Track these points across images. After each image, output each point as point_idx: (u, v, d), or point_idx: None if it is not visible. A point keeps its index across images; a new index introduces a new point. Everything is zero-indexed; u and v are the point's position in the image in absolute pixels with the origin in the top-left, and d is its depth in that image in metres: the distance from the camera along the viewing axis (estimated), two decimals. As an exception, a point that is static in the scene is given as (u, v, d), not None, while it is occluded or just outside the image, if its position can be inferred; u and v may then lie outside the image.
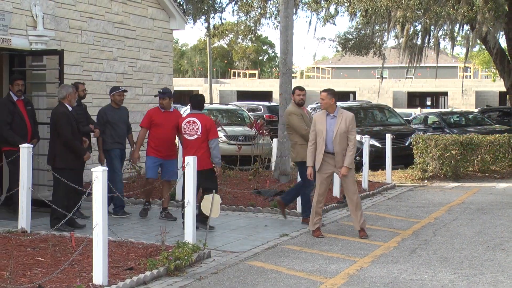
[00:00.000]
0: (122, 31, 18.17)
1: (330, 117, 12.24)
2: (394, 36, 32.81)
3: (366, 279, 9.49)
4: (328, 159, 12.22)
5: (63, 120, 12.08)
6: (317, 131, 12.24)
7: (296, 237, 12.36)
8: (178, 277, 9.43)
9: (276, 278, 9.51)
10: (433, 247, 11.72)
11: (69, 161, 12.22)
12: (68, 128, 12.11)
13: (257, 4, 32.74)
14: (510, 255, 11.03)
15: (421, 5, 24.96)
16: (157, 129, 13.37)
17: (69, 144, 12.13)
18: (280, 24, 19.22)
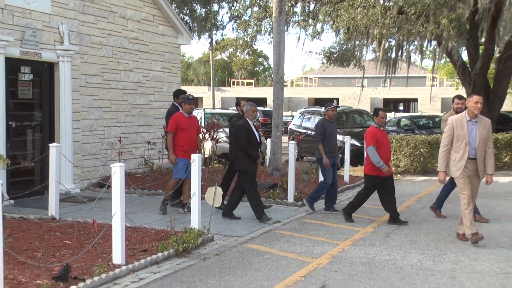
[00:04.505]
0: (136, 46, 18.19)
1: (472, 123, 10.74)
2: (372, 50, 32.79)
3: (347, 259, 9.56)
4: (468, 165, 10.65)
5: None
6: (457, 136, 10.70)
7: (287, 224, 12.40)
8: (185, 257, 9.49)
9: (270, 258, 9.57)
10: (404, 231, 11.78)
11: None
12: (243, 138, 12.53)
13: (253, 22, 32.69)
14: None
15: (395, 24, 25.02)
16: (184, 133, 12.92)
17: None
18: (274, 39, 19.25)
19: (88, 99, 16.27)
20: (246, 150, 12.39)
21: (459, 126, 10.61)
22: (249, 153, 12.41)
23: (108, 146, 16.93)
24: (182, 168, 12.76)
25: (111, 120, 17.20)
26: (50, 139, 14.52)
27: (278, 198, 14.82)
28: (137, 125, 18.17)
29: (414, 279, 8.47)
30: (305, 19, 30.82)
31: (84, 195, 14.17)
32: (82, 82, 15.95)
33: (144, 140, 18.22)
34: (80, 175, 15.78)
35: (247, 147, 12.38)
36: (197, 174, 10.74)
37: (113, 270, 8.36)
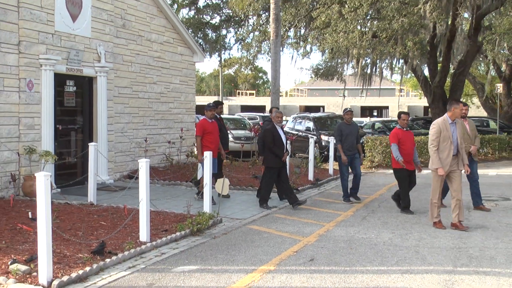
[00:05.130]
0: (159, 63, 18.17)
1: (452, 124, 10.50)
2: (351, 67, 32.83)
3: (331, 237, 9.53)
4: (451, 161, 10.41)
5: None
6: (444, 136, 10.37)
7: (282, 209, 12.37)
8: (199, 236, 9.47)
9: (268, 237, 9.54)
10: (378, 215, 11.76)
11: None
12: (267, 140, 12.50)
13: (255, 44, 32.75)
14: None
15: (370, 45, 24.99)
16: (210, 136, 12.66)
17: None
18: (271, 58, 19.28)
19: (120, 107, 16.26)
20: (271, 149, 12.33)
21: (444, 128, 10.36)
22: (274, 152, 12.33)
23: (136, 145, 16.92)
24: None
25: (139, 123, 17.17)
26: (89, 139, 14.50)
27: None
28: (159, 128, 18.15)
29: (385, 253, 8.45)
30: (297, 41, 30.88)
31: (117, 185, 14.16)
32: (115, 93, 15.94)
33: (165, 140, 18.21)
34: (113, 168, 15.77)
35: (272, 147, 12.31)
36: (208, 168, 10.72)
37: (140, 246, 8.36)
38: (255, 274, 7.34)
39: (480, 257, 8.31)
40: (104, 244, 8.03)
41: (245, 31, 34.05)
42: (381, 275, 7.33)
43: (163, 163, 17.87)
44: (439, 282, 7.07)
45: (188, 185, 14.96)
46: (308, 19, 28.47)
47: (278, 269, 7.56)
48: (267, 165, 12.53)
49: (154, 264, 7.77)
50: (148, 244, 8.54)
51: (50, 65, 13.24)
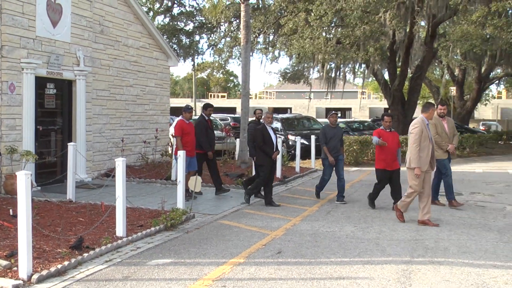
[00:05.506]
0: (136, 67, 18.03)
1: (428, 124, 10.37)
2: (317, 71, 32.92)
3: (297, 231, 9.55)
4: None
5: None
6: (424, 136, 10.16)
7: (251, 204, 12.34)
8: (173, 231, 9.40)
9: (238, 231, 9.52)
10: (341, 209, 11.80)
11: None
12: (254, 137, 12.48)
13: (226, 49, 32.69)
14: (391, 213, 11.16)
15: (334, 51, 25.09)
16: (187, 136, 12.48)
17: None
18: (242, 62, 19.23)
19: (98, 108, 16.09)
20: (262, 148, 12.21)
21: (424, 127, 10.16)
22: (264, 150, 12.21)
23: (113, 144, 16.76)
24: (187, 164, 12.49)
25: (116, 124, 17.02)
26: (68, 139, 14.32)
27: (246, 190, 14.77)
28: (135, 128, 18.01)
29: (348, 246, 8.49)
30: (266, 47, 30.88)
31: (95, 183, 14.01)
32: (93, 95, 15.77)
33: (141, 140, 18.08)
34: (92, 167, 15.61)
35: (262, 146, 12.20)
36: (181, 167, 10.66)
37: (116, 241, 8.27)
38: (225, 266, 7.32)
39: (435, 248, 8.40)
40: (82, 239, 7.94)
41: (217, 37, 33.99)
42: (344, 266, 7.36)
43: (139, 162, 17.75)
44: (397, 272, 7.12)
45: (162, 182, 14.87)
46: (277, 26, 28.50)
47: (247, 262, 7.55)
48: (259, 163, 12.43)
49: (130, 258, 7.70)
50: (124, 239, 8.46)
51: (31, 68, 13.05)
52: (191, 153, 12.52)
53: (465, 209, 11.88)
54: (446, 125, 12.11)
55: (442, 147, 11.92)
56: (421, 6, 23.80)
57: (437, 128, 11.97)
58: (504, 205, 12.44)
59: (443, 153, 11.97)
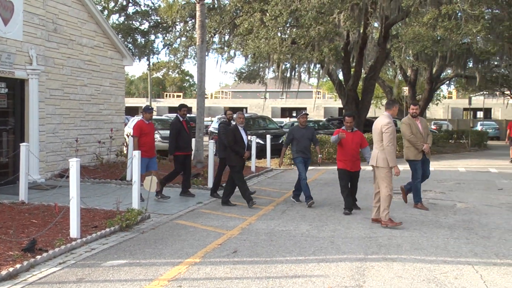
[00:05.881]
0: (90, 66, 17.78)
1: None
2: (272, 71, 33.04)
3: (253, 230, 9.56)
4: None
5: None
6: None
7: (207, 204, 12.32)
8: (128, 232, 9.31)
9: (193, 231, 9.48)
10: (296, 208, 11.87)
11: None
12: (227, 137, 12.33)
13: (182, 49, 32.47)
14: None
15: (289, 51, 25.19)
16: (146, 137, 12.34)
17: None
18: (197, 62, 19.15)
19: (51, 108, 15.81)
20: (232, 148, 12.09)
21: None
22: (235, 150, 12.10)
23: (67, 145, 16.49)
24: (142, 165, 12.03)
25: (70, 124, 16.75)
26: (21, 140, 14.02)
27: (200, 184, 14.73)
28: (90, 128, 17.77)
29: (303, 244, 8.53)
30: (221, 47, 30.80)
31: (48, 184, 13.79)
32: (47, 95, 15.49)
33: (96, 140, 17.85)
34: (45, 168, 15.32)
35: (233, 146, 12.07)
36: (136, 167, 10.56)
37: (70, 243, 8.13)
38: (181, 266, 7.28)
39: (388, 245, 8.52)
40: (35, 241, 7.78)
41: (173, 37, 33.73)
42: (299, 265, 7.40)
43: (94, 162, 17.51)
44: (351, 269, 7.19)
45: (117, 183, 14.71)
46: (232, 26, 28.46)
47: (203, 261, 7.52)
48: (230, 164, 12.31)
49: (84, 260, 7.58)
50: (79, 240, 8.33)
51: (-19, 67, 12.73)
52: (150, 154, 12.39)
53: (411, 207, 12.08)
54: (420, 125, 11.97)
55: (417, 147, 11.73)
56: (374, 8, 24.11)
57: (411, 128, 11.84)
58: (454, 203, 12.71)
59: (418, 153, 11.79)
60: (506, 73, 41.86)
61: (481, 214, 11.36)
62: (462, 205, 12.08)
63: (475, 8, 20.83)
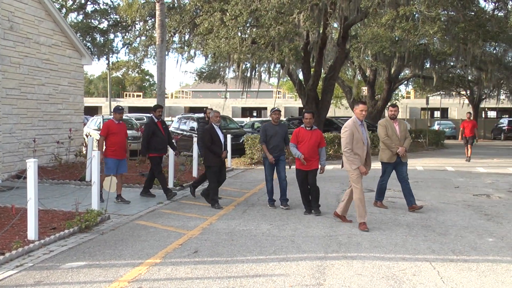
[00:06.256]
0: (48, 65, 17.50)
1: (361, 125, 9.89)
2: (232, 70, 33.06)
3: (214, 230, 9.54)
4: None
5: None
6: (357, 139, 9.79)
7: (167, 204, 12.25)
8: (87, 233, 9.19)
9: (154, 231, 9.41)
10: (257, 208, 11.87)
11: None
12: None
13: (141, 48, 32.18)
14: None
15: (249, 51, 25.21)
16: (115, 137, 12.06)
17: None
18: (157, 62, 19.06)
19: (8, 108, 15.51)
20: (209, 148, 11.96)
21: (356, 130, 9.72)
22: (212, 150, 11.96)
23: (25, 145, 16.20)
24: (111, 167, 12.06)
25: (27, 124, 16.46)
26: (-24, 140, 13.74)
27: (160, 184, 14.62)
28: (48, 128, 17.49)
29: (264, 243, 8.55)
30: (181, 46, 30.64)
31: (5, 185, 13.52)
32: (3, 94, 15.19)
33: (54, 140, 17.58)
34: (1, 169, 15.02)
35: (210, 146, 11.94)
36: (96, 167, 10.43)
37: (28, 245, 7.99)
38: (142, 267, 7.22)
39: (348, 244, 8.60)
40: (-9, 243, 7.62)
41: (132, 36, 33.40)
42: (260, 264, 7.41)
43: (52, 163, 17.24)
44: (312, 267, 7.24)
45: (76, 183, 14.52)
46: (192, 26, 28.34)
47: (164, 262, 7.48)
48: (207, 164, 12.18)
49: (42, 262, 7.46)
50: (36, 242, 8.18)
51: None
52: (120, 155, 12.21)
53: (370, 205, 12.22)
54: (397, 127, 11.75)
55: (391, 149, 11.58)
56: (333, 8, 24.30)
57: (387, 130, 11.67)
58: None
59: (392, 155, 11.63)
60: (462, 73, 42.84)
61: (439, 212, 11.57)
62: (420, 203, 12.26)
63: (432, 10, 21.18)
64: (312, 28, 23.45)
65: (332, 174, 17.82)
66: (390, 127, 11.72)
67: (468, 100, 54.98)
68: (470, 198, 13.57)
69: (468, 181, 16.88)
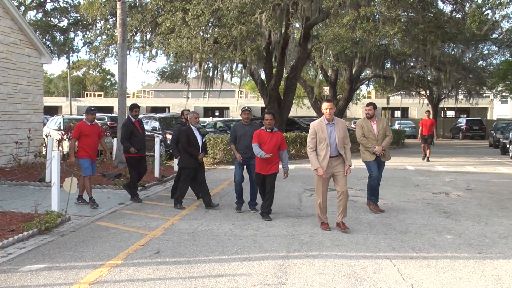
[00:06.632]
0: (6, 64, 17.19)
1: (330, 125, 9.51)
2: (194, 70, 32.89)
3: (176, 230, 9.50)
4: (329, 163, 9.45)
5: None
6: (320, 138, 9.44)
7: (129, 205, 12.15)
8: (47, 235, 9.05)
9: (115, 232, 9.33)
10: (220, 208, 11.87)
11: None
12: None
13: (102, 47, 31.81)
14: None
15: (212, 51, 25.14)
16: (87, 139, 11.81)
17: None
18: (118, 61, 18.84)
19: (-36, 108, 15.20)
20: (186, 150, 11.81)
21: (320, 129, 9.38)
22: (188, 152, 11.82)
23: (-18, 145, 15.90)
24: (88, 166, 11.83)
25: None
26: None
27: (122, 185, 14.48)
28: (6, 129, 17.18)
29: (226, 243, 8.55)
30: (143, 45, 30.41)
31: (-39, 186, 13.24)
32: (-42, 94, 14.87)
33: (13, 140, 17.28)
34: (-42, 169, 14.72)
35: (187, 147, 11.79)
36: (56, 168, 10.28)
37: (-14, 247, 7.85)
38: (103, 269, 7.14)
39: (310, 243, 8.66)
40: None
41: (93, 35, 32.99)
42: (222, 264, 7.41)
43: (11, 164, 16.93)
44: (274, 267, 7.27)
45: (36, 184, 14.29)
46: (154, 25, 28.12)
47: (125, 263, 7.41)
48: (182, 166, 12.06)
49: (0, 265, 7.31)
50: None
51: None
52: (92, 157, 11.97)
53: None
54: (375, 126, 11.45)
55: (368, 149, 11.41)
56: (295, 9, 24.42)
57: (363, 129, 11.47)
58: (373, 199, 13.03)
59: (370, 155, 11.42)
60: (422, 74, 43.53)
61: (399, 210, 11.73)
62: (381, 202, 12.41)
63: (392, 11, 21.45)
64: (274, 28, 23.52)
65: (294, 174, 17.91)
66: (366, 127, 11.48)
67: (428, 100, 55.87)
68: (430, 196, 13.80)
69: (428, 180, 17.16)
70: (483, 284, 6.65)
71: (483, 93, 58.19)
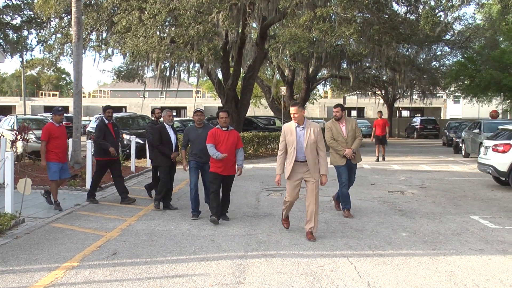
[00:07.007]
0: (-44, 64, 16.78)
1: (300, 129, 8.99)
2: (151, 69, 32.65)
3: (133, 231, 9.42)
4: (298, 168, 8.99)
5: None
6: (288, 141, 9.00)
7: (85, 206, 11.99)
8: (0, 237, 8.85)
9: (71, 234, 9.20)
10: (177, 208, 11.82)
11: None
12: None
13: (57, 46, 31.28)
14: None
15: (168, 50, 24.97)
16: (57, 141, 11.38)
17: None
18: (73, 60, 18.59)
19: None
20: (158, 148, 11.64)
21: (289, 132, 8.95)
22: (160, 151, 11.63)
23: None
24: (56, 170, 11.46)
25: None
26: None
27: (78, 185, 14.31)
28: (-43, 129, 16.75)
29: (184, 243, 8.52)
30: (99, 44, 30.01)
31: None
32: None
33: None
34: None
35: (158, 146, 11.61)
36: (9, 169, 10.07)
37: None
38: (58, 271, 7.03)
39: (268, 242, 8.70)
40: None
41: (48, 33, 32.41)
42: (180, 264, 7.38)
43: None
44: (232, 266, 7.27)
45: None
46: (110, 24, 27.79)
47: (81, 265, 7.31)
48: (155, 165, 11.92)
49: (-48, 268, 7.14)
50: None
51: None
52: (62, 159, 11.64)
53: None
54: (343, 128, 11.10)
55: (338, 152, 11.07)
56: (252, 9, 24.48)
57: (332, 132, 11.14)
58: (330, 198, 13.14)
59: (340, 158, 11.08)
60: (377, 74, 44.16)
61: (356, 208, 11.86)
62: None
63: (348, 12, 21.69)
64: (231, 28, 23.53)
65: (252, 173, 17.96)
66: (335, 129, 11.15)
67: (383, 99, 56.69)
68: (385, 194, 14.01)
69: (384, 178, 17.42)
70: (437, 280, 6.80)
71: (437, 93, 59.36)
